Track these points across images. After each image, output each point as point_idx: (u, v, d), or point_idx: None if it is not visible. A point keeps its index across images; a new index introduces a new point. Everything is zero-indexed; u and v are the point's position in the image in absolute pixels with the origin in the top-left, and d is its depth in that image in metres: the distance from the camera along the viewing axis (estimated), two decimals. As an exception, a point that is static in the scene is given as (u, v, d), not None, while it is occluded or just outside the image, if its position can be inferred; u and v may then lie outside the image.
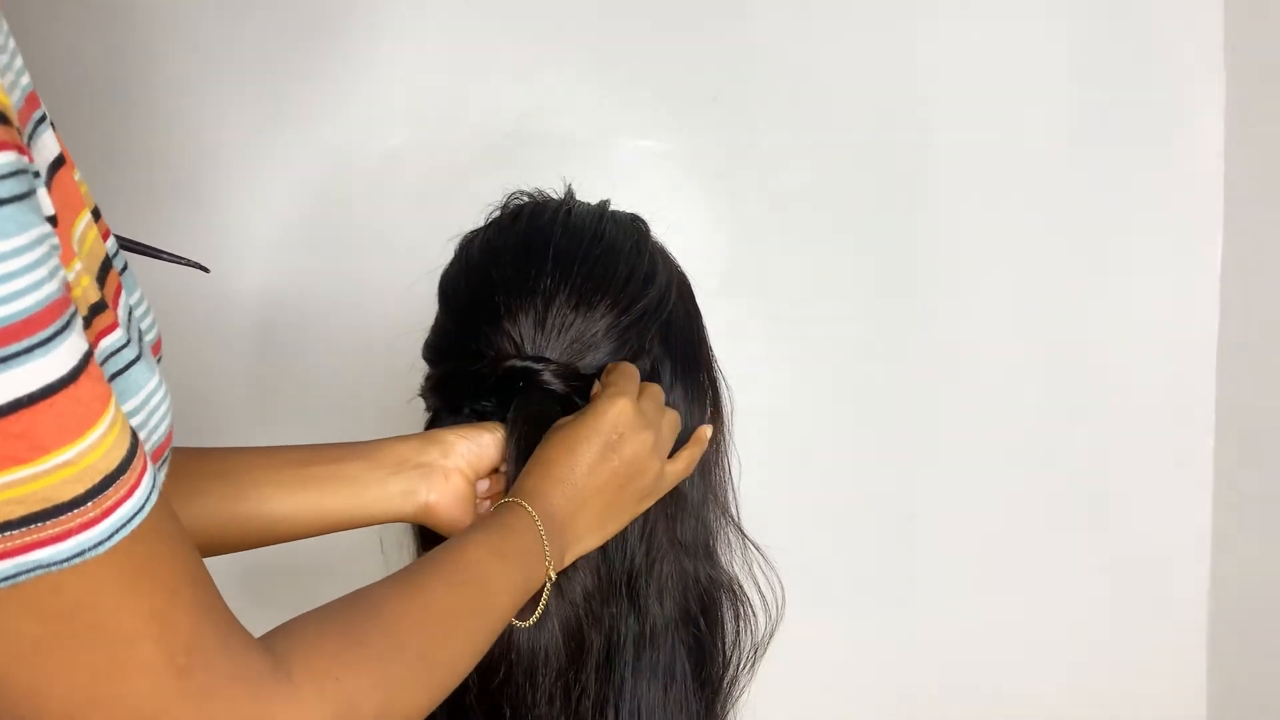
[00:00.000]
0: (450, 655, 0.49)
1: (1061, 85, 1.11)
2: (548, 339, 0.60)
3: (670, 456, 0.62)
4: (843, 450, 1.13)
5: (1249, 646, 1.12)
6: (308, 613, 0.46)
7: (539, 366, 0.59)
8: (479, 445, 0.68)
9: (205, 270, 0.63)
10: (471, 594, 0.51)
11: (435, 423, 0.64)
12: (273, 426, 1.08)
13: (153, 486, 0.36)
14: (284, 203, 1.06)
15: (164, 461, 0.45)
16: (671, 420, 0.62)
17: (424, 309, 0.66)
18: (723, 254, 1.10)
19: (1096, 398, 1.14)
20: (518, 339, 0.59)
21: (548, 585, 0.56)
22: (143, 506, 0.35)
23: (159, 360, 0.50)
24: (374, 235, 1.07)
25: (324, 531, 0.65)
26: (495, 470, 0.68)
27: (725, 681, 0.65)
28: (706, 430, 0.64)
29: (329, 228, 1.07)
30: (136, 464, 0.35)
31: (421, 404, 0.66)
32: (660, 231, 0.69)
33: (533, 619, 0.57)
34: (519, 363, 0.59)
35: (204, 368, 1.07)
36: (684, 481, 0.63)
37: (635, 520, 0.61)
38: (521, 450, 0.59)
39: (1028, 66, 1.11)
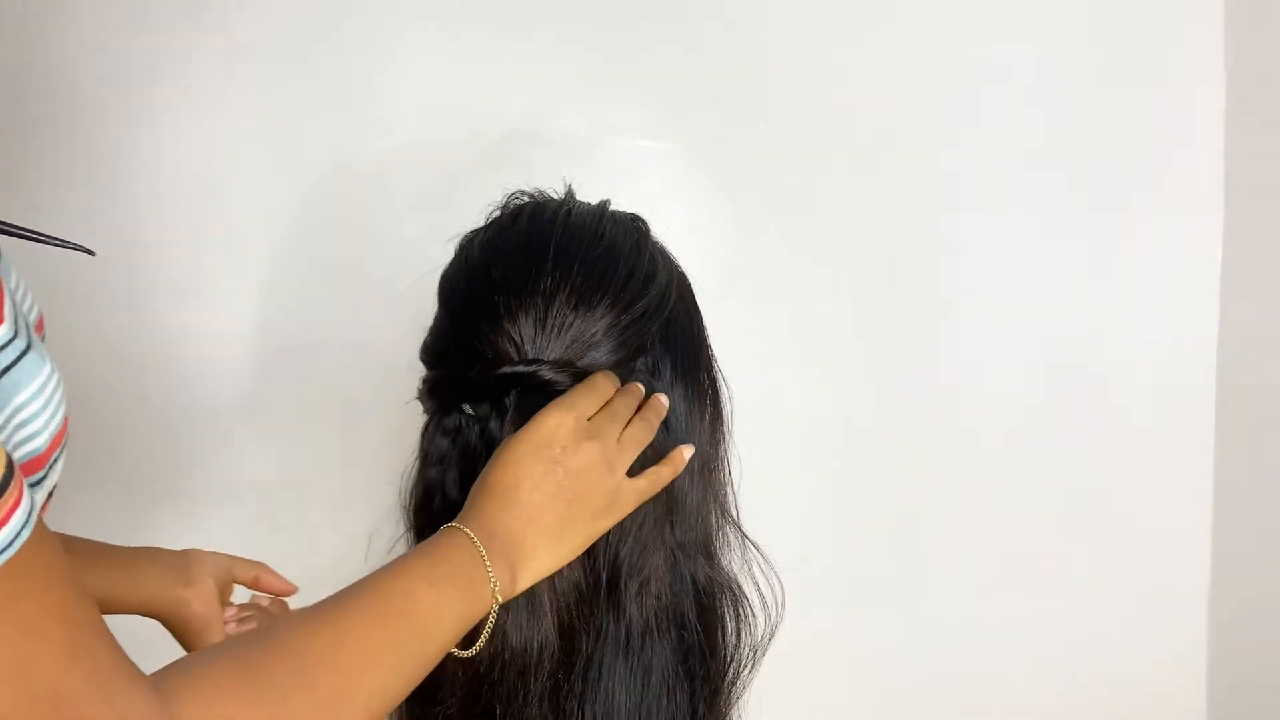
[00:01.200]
0: (371, 690, 0.47)
1: (1062, 85, 1.11)
2: (547, 339, 0.60)
3: (641, 473, 0.60)
4: (842, 450, 1.13)
5: (1249, 646, 1.12)
6: (209, 647, 0.45)
7: (534, 369, 0.59)
8: (218, 565, 0.77)
9: (90, 253, 0.62)
10: (397, 625, 0.49)
11: (435, 425, 0.64)
12: (272, 427, 1.08)
13: (27, 518, 0.34)
14: (284, 202, 1.06)
15: (60, 452, 0.44)
16: (635, 435, 0.59)
17: (424, 309, 0.66)
18: (723, 254, 1.10)
19: (1096, 397, 1.14)
20: (517, 339, 0.59)
21: (493, 612, 0.54)
22: (13, 540, 0.33)
23: (43, 339, 0.48)
24: (374, 235, 1.07)
25: None
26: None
27: (726, 681, 0.65)
28: (685, 452, 0.61)
29: (329, 227, 1.07)
30: (11, 492, 0.33)
31: (420, 405, 0.66)
32: (660, 231, 0.69)
33: (474, 649, 0.55)
34: (511, 369, 0.59)
35: (203, 367, 1.07)
36: (682, 482, 0.63)
37: (624, 519, 0.60)
38: None
39: (1027, 66, 1.11)
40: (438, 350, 0.64)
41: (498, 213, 0.67)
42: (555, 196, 0.68)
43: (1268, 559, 1.09)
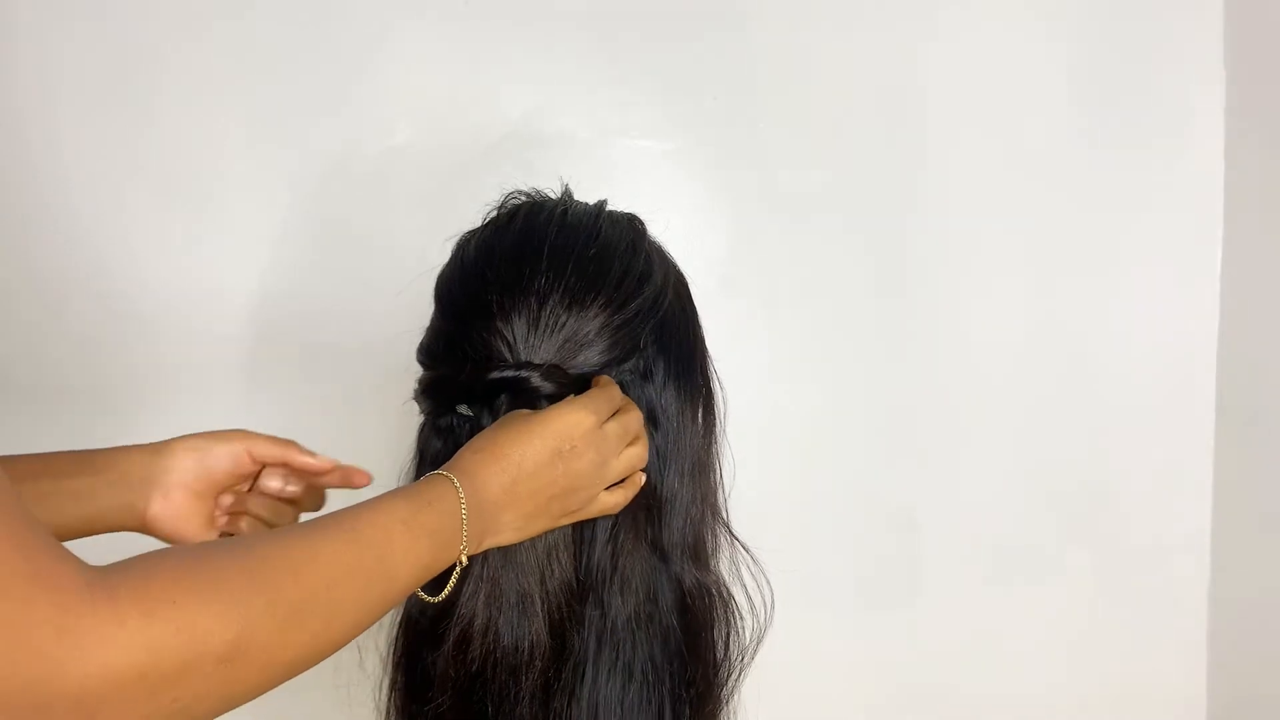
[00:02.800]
0: (330, 612, 0.47)
1: (1062, 86, 1.11)
2: (541, 339, 0.60)
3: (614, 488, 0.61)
4: (841, 450, 1.13)
5: (1249, 646, 1.12)
6: (189, 546, 0.45)
7: (523, 374, 0.59)
8: (208, 456, 0.69)
9: None
10: (368, 558, 0.50)
11: (430, 425, 0.64)
12: (272, 427, 1.08)
13: None
14: (284, 202, 1.06)
15: None
16: (630, 458, 0.61)
17: (423, 309, 0.67)
18: (722, 254, 1.10)
19: (1097, 397, 1.14)
20: (510, 339, 0.60)
21: (458, 566, 0.55)
22: None
23: None
24: (374, 235, 1.07)
25: (59, 539, 0.64)
26: (245, 481, 0.70)
27: (713, 684, 0.65)
28: (642, 477, 0.63)
29: (329, 227, 1.07)
30: None
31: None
32: (658, 231, 0.69)
33: (441, 596, 0.56)
34: (499, 374, 0.59)
35: (203, 367, 1.07)
36: (671, 483, 0.63)
37: (606, 519, 0.61)
38: None
39: (1028, 67, 1.11)
40: (433, 351, 0.64)
41: (495, 213, 0.67)
42: (553, 196, 0.69)
43: (1268, 559, 1.09)
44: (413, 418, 0.67)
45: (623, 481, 0.61)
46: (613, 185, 0.73)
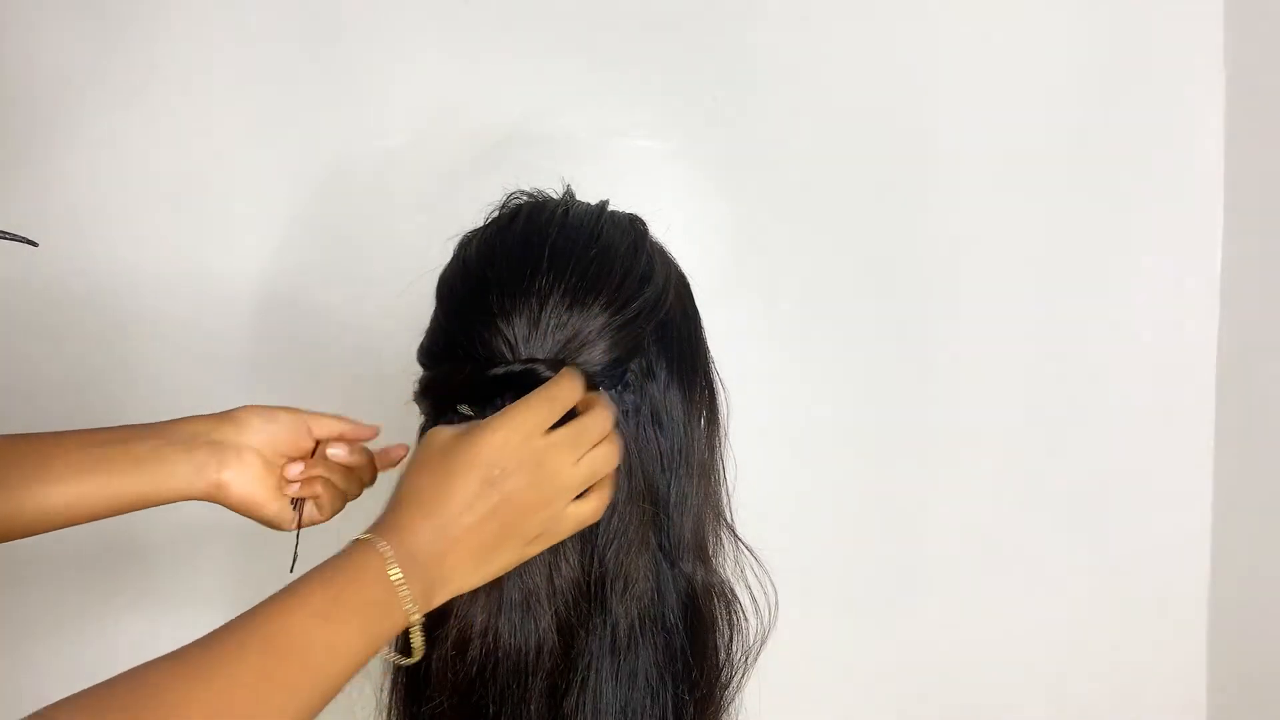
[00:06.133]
0: None
1: (1061, 86, 1.11)
2: (542, 339, 0.59)
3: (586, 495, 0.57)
4: (841, 450, 1.13)
5: (1249, 646, 1.12)
6: (79, 693, 0.42)
7: (531, 368, 0.59)
8: (276, 424, 0.68)
9: (34, 244, 0.62)
10: (289, 669, 0.45)
11: (429, 425, 0.64)
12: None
13: None
14: (284, 202, 1.06)
15: None
16: (601, 460, 0.57)
17: (423, 309, 0.67)
18: (722, 254, 1.10)
19: (1096, 398, 1.14)
20: (511, 339, 0.59)
21: (418, 625, 0.52)
22: None
23: None
24: (374, 235, 1.07)
25: (117, 512, 0.63)
26: (311, 451, 0.68)
27: (717, 685, 0.64)
28: (609, 485, 0.59)
29: (329, 227, 1.07)
30: None
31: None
32: (660, 232, 0.69)
33: (414, 658, 0.53)
34: (504, 369, 0.59)
35: (202, 367, 1.07)
36: (675, 483, 0.63)
37: (608, 520, 0.60)
38: None
39: (1028, 67, 1.11)
40: (433, 351, 0.64)
41: (496, 213, 0.67)
42: (554, 197, 0.69)
43: (1268, 559, 1.09)
44: (413, 418, 0.67)
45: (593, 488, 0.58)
46: (614, 185, 0.73)
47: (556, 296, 0.60)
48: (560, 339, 0.60)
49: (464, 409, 0.62)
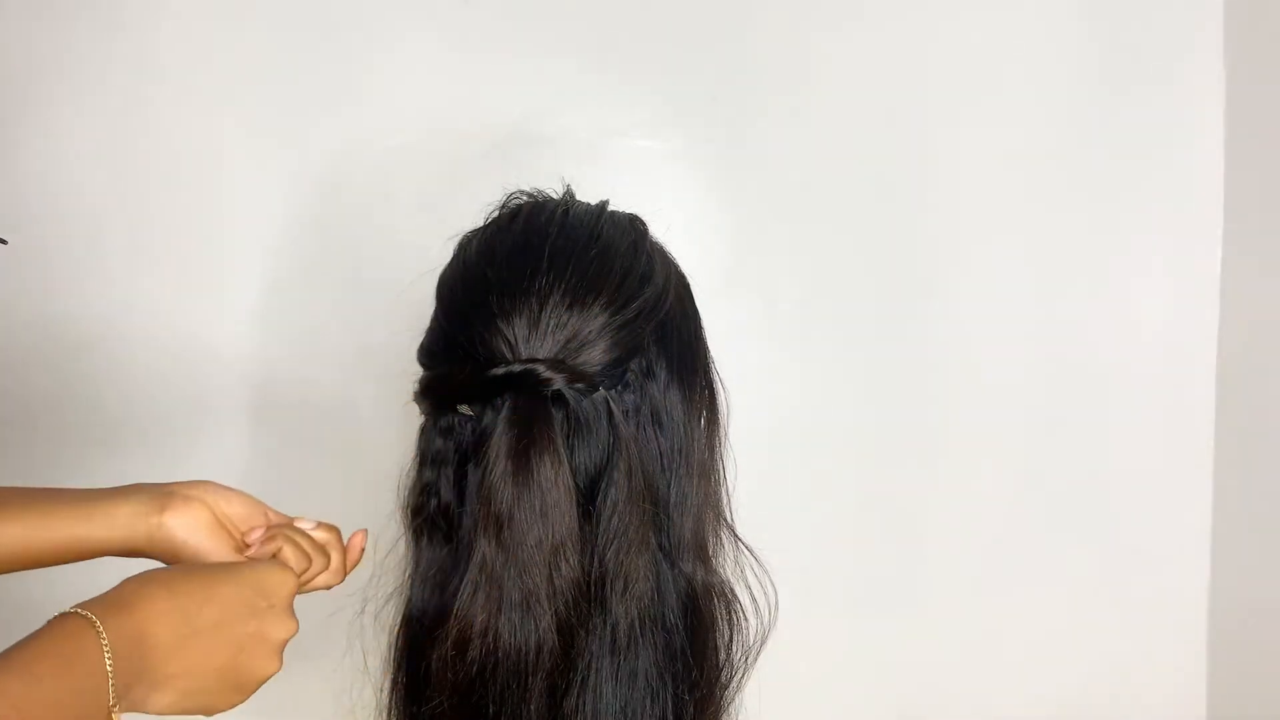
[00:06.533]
0: None
1: (1061, 86, 1.11)
2: (541, 339, 0.59)
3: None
4: (842, 451, 1.13)
5: (1249, 646, 1.12)
6: None
7: (530, 368, 0.59)
8: (231, 497, 0.64)
9: (4, 242, 0.60)
10: None
11: (431, 425, 0.64)
12: (270, 427, 1.08)
13: None
14: (283, 202, 1.06)
15: None
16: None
17: (423, 309, 0.66)
18: (723, 254, 1.10)
19: (1097, 398, 1.14)
20: (511, 339, 0.59)
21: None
22: None
23: None
24: (374, 235, 1.07)
25: (48, 562, 0.59)
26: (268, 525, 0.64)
27: (717, 686, 0.64)
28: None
29: (329, 227, 1.07)
30: None
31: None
32: (660, 232, 0.69)
33: None
34: (505, 369, 0.59)
35: (201, 367, 1.07)
36: (675, 484, 0.63)
37: (608, 520, 0.60)
38: (511, 457, 0.58)
39: (1027, 67, 1.11)
40: (433, 351, 0.64)
41: (497, 213, 0.67)
42: (554, 196, 0.68)
43: (1268, 559, 1.09)
44: (413, 419, 0.67)
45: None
46: (614, 185, 0.73)
47: (556, 296, 0.60)
48: (560, 339, 0.59)
49: (464, 409, 0.62)
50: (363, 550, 0.69)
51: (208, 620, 0.49)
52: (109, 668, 0.44)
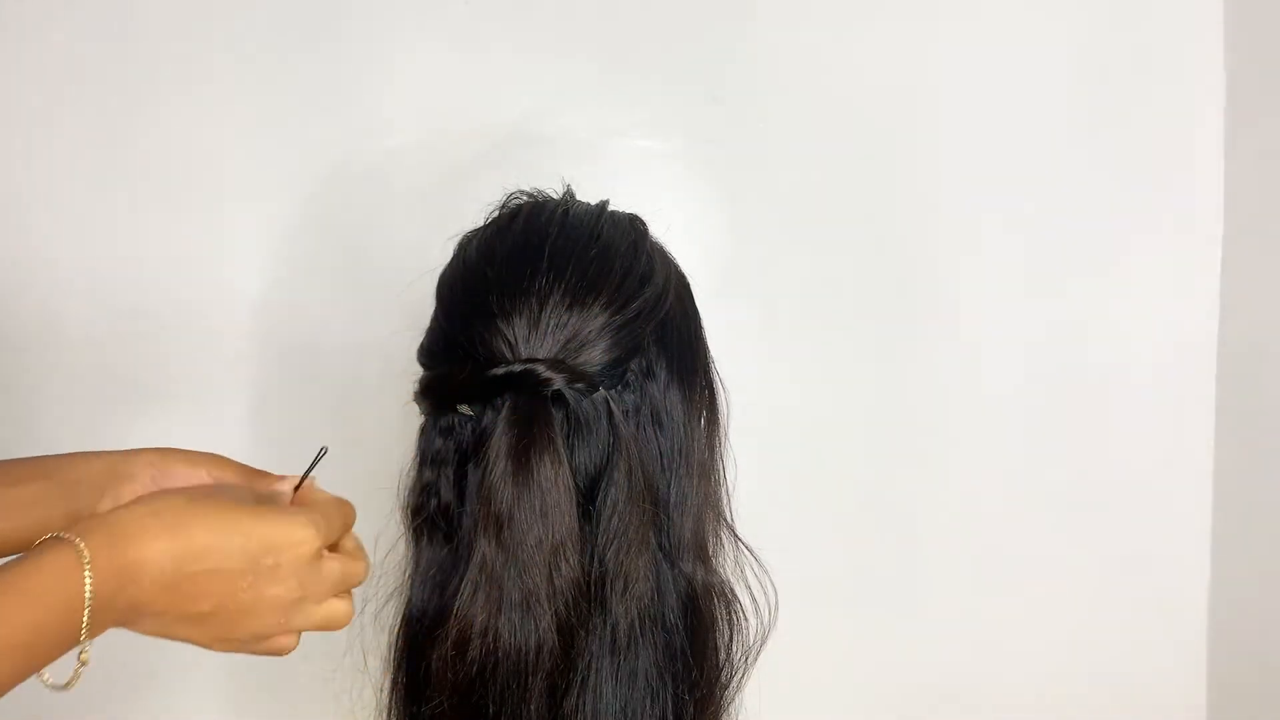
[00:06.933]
0: None
1: (1062, 86, 1.11)
2: (541, 339, 0.59)
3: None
4: (842, 451, 1.13)
5: (1249, 646, 1.12)
6: None
7: (530, 368, 0.58)
8: (166, 478, 0.61)
9: None
10: None
11: (431, 425, 0.64)
12: (269, 427, 1.08)
13: None
14: (283, 202, 1.06)
15: None
16: (331, 612, 0.54)
17: (423, 309, 0.67)
18: (723, 254, 1.10)
19: (1097, 397, 1.14)
20: (511, 339, 0.59)
21: (84, 652, 0.45)
22: None
23: None
24: (374, 235, 1.07)
25: None
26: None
27: (717, 685, 0.64)
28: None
29: (329, 227, 1.07)
30: None
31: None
32: (660, 232, 0.69)
33: (68, 683, 0.46)
34: (505, 369, 0.59)
35: (201, 367, 1.07)
36: (675, 484, 0.63)
37: (608, 520, 0.60)
38: (511, 457, 0.58)
39: (1027, 67, 1.11)
40: (433, 351, 0.64)
41: (496, 213, 0.67)
42: (554, 196, 0.69)
43: (1268, 559, 1.09)
44: (413, 419, 0.67)
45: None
46: (614, 185, 0.73)
47: (556, 296, 0.60)
48: (560, 339, 0.60)
49: (464, 409, 0.62)
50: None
51: (202, 568, 0.47)
52: (88, 600, 0.43)
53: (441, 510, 0.63)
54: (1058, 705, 1.16)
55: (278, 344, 1.07)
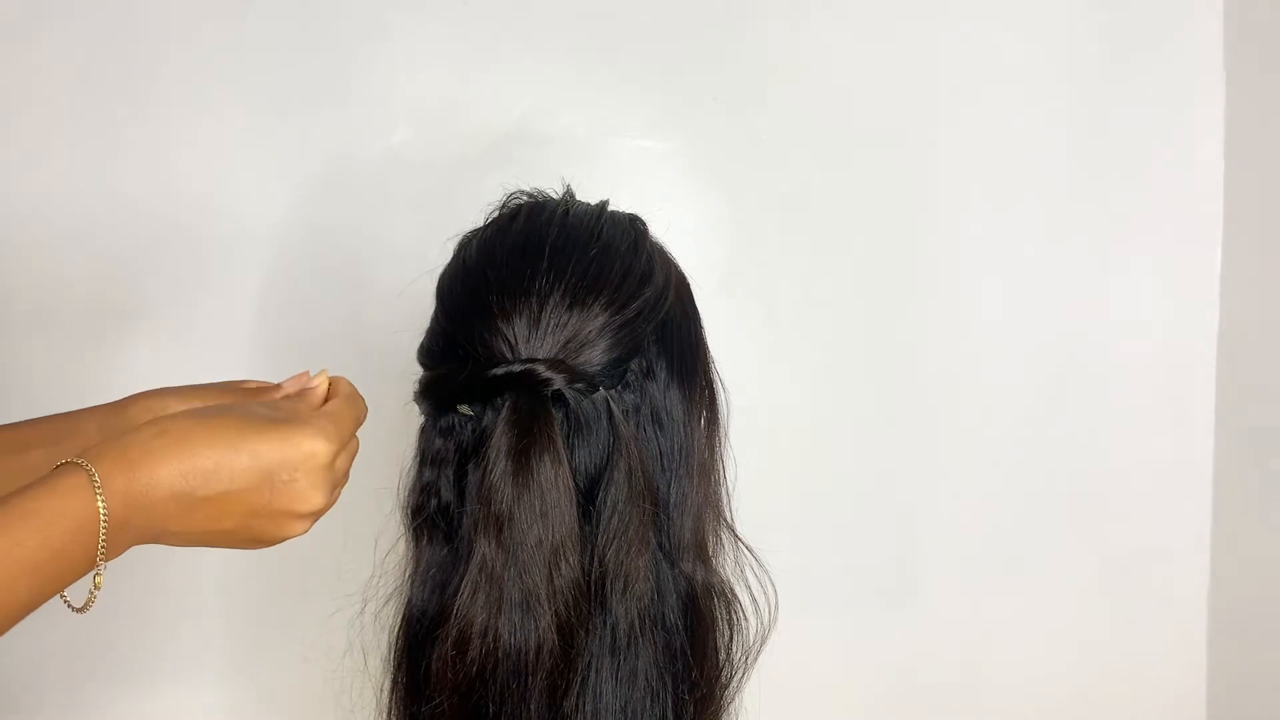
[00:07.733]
0: None
1: (1062, 85, 1.11)
2: (542, 339, 0.59)
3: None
4: (841, 451, 1.13)
5: (1249, 646, 1.12)
6: None
7: (530, 368, 0.58)
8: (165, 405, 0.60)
9: None
10: None
11: (431, 426, 0.64)
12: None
13: None
14: (283, 202, 1.06)
15: None
16: (333, 500, 0.55)
17: (423, 310, 0.67)
18: (722, 254, 1.10)
19: (1097, 398, 1.14)
20: (511, 339, 0.59)
21: (99, 574, 0.46)
22: None
23: None
24: (374, 236, 1.07)
25: None
26: None
27: (717, 685, 0.64)
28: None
29: (328, 227, 1.07)
30: None
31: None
32: (660, 232, 0.69)
33: (84, 606, 0.47)
34: (505, 369, 0.59)
35: (201, 367, 1.07)
36: (676, 483, 0.63)
37: (608, 520, 0.60)
38: (511, 456, 0.58)
39: (1028, 68, 1.11)
40: (433, 351, 0.64)
41: (496, 213, 0.67)
42: (554, 196, 0.69)
43: (1267, 559, 1.09)
44: (413, 419, 0.67)
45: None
46: (614, 185, 0.73)
47: (556, 296, 0.60)
48: (560, 339, 0.59)
49: (464, 409, 0.62)
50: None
51: (215, 489, 0.48)
52: (102, 522, 0.44)
53: (441, 510, 0.63)
54: (1058, 705, 1.16)
55: (278, 344, 1.07)
